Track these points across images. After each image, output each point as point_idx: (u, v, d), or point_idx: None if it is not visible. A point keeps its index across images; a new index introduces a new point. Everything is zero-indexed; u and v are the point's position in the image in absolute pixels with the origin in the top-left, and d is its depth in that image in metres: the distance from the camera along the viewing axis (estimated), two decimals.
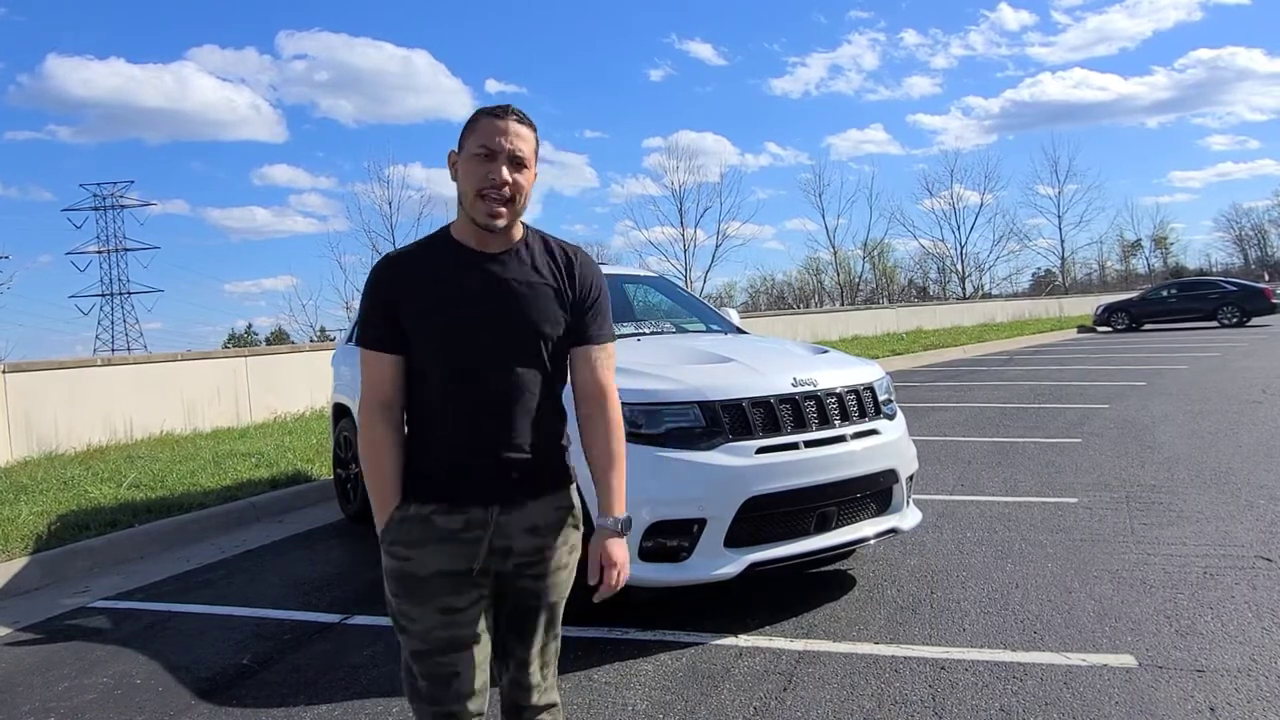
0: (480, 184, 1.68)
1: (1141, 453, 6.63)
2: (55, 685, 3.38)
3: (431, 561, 1.70)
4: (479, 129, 1.71)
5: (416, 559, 1.70)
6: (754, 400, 3.54)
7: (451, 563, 1.71)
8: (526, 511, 1.75)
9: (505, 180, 1.68)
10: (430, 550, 1.70)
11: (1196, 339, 19.54)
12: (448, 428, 1.72)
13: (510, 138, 1.69)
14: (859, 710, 2.76)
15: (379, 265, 1.79)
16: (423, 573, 1.70)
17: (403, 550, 1.71)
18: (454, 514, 1.71)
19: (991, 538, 4.56)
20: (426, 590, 1.70)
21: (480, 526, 1.71)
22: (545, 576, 1.79)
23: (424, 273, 1.74)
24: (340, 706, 3.01)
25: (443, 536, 1.71)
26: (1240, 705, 2.64)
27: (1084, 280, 55.59)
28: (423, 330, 1.70)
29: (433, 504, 1.71)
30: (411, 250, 1.80)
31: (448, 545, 1.71)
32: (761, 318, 22.89)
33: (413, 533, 1.71)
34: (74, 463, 8.02)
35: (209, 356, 11.28)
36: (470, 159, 1.70)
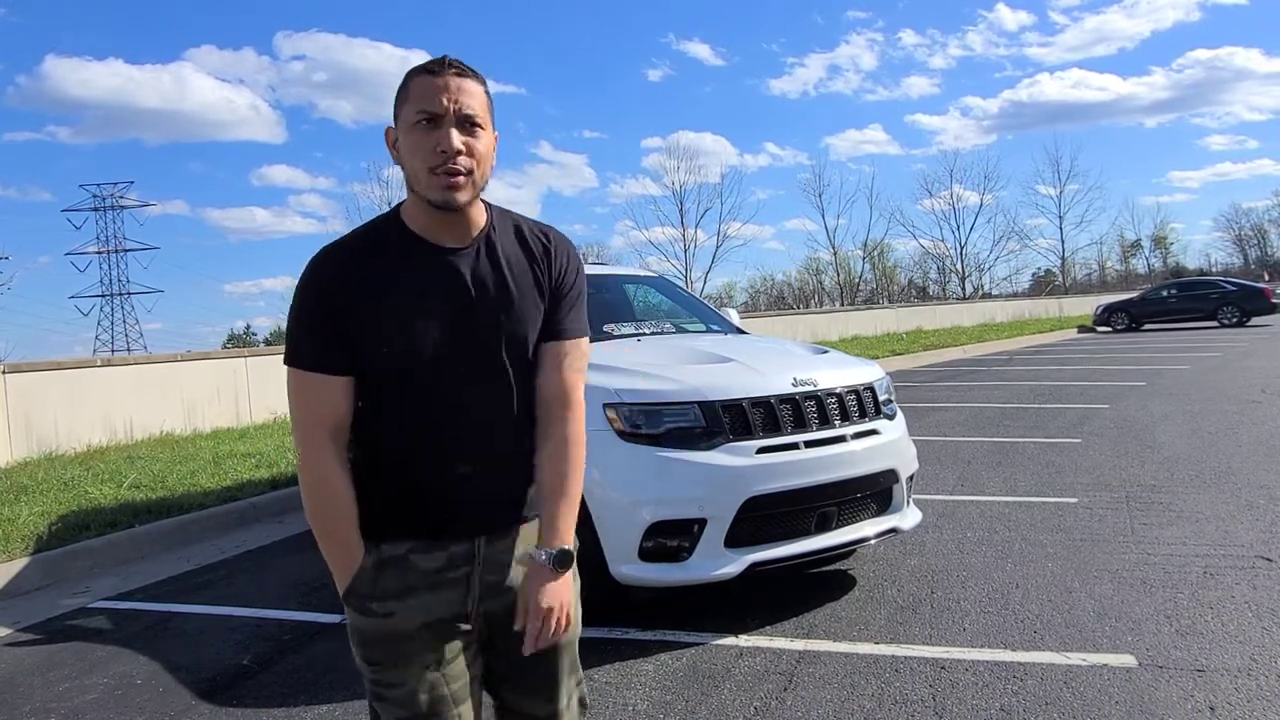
0: (430, 158, 1.37)
1: (1141, 452, 6.63)
2: (56, 686, 3.38)
3: (417, 613, 1.43)
4: (413, 92, 1.39)
5: (400, 613, 1.42)
6: (754, 400, 3.54)
7: (439, 610, 1.44)
8: (516, 539, 1.50)
9: (456, 148, 1.36)
10: (415, 600, 1.43)
11: (1196, 339, 19.54)
12: (415, 450, 1.44)
13: (454, 94, 1.37)
14: (859, 710, 2.76)
15: (315, 264, 1.43)
16: (408, 628, 1.42)
17: (379, 605, 1.42)
18: (434, 551, 1.43)
19: (991, 538, 4.56)
20: (412, 648, 1.43)
21: (466, 561, 1.45)
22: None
23: (377, 274, 1.41)
24: (340, 707, 3.01)
25: (424, 582, 1.43)
26: (1240, 705, 2.64)
27: (1084, 280, 55.66)
28: (377, 343, 1.40)
29: (408, 542, 1.43)
30: (354, 243, 1.45)
31: (431, 591, 1.43)
32: (761, 318, 22.89)
33: (391, 581, 1.43)
34: (74, 463, 8.02)
35: (209, 357, 11.28)
36: (411, 130, 1.38)
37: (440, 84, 1.38)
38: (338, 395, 1.41)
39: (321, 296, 1.41)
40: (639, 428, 3.43)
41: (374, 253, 1.43)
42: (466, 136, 1.39)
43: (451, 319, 1.42)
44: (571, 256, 1.55)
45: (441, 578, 1.44)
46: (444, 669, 1.45)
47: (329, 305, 1.40)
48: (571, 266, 1.55)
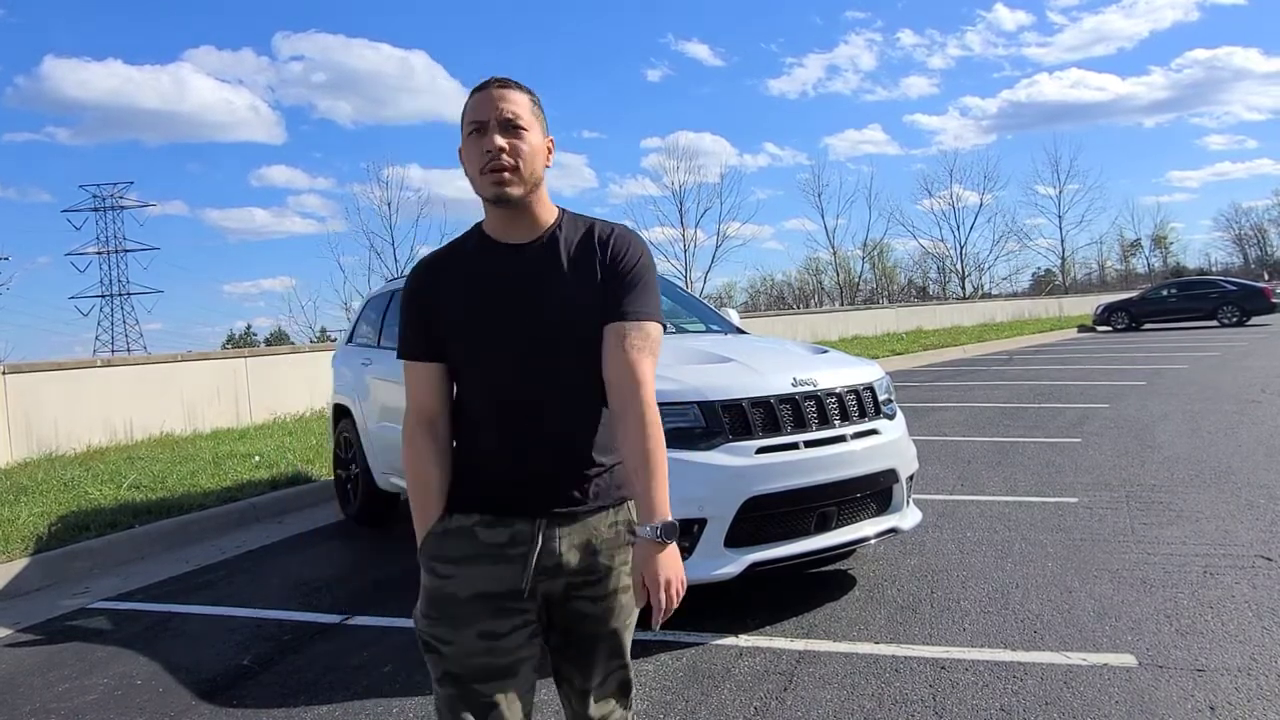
0: (479, 160, 1.54)
1: (1141, 452, 6.63)
2: (56, 686, 3.38)
3: (473, 581, 1.54)
4: (467, 109, 1.58)
5: (457, 577, 1.54)
6: (754, 400, 3.54)
7: (495, 584, 1.54)
8: (580, 526, 1.58)
9: (499, 146, 1.52)
10: (472, 568, 1.54)
11: (1196, 338, 19.54)
12: (491, 433, 1.58)
13: (496, 104, 1.54)
14: (859, 710, 2.76)
15: (412, 271, 1.69)
16: (463, 594, 1.53)
17: (442, 567, 1.56)
18: (498, 527, 1.55)
19: (991, 537, 4.56)
20: (466, 613, 1.53)
21: (526, 541, 1.55)
22: (602, 599, 1.60)
23: (454, 273, 1.62)
24: (341, 707, 3.01)
25: (486, 553, 1.55)
26: (1240, 704, 2.64)
27: (1084, 280, 55.63)
28: (456, 333, 1.59)
29: (476, 515, 1.57)
30: (443, 251, 1.69)
31: (491, 563, 1.54)
32: (761, 318, 22.88)
33: (454, 548, 1.56)
34: (74, 464, 8.02)
35: (209, 357, 11.27)
36: (466, 141, 1.58)
37: (485, 97, 1.56)
38: (425, 380, 1.63)
39: (411, 297, 1.65)
40: None
41: (453, 256, 1.65)
42: (510, 138, 1.54)
43: (512, 308, 1.56)
44: (632, 244, 1.63)
45: (502, 553, 1.55)
46: (493, 642, 1.52)
47: (419, 303, 1.63)
48: (630, 252, 1.61)
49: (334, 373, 6.51)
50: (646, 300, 1.59)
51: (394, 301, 5.82)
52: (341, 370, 6.32)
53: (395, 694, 3.09)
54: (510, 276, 1.58)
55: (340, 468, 6.13)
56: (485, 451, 1.59)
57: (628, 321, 1.55)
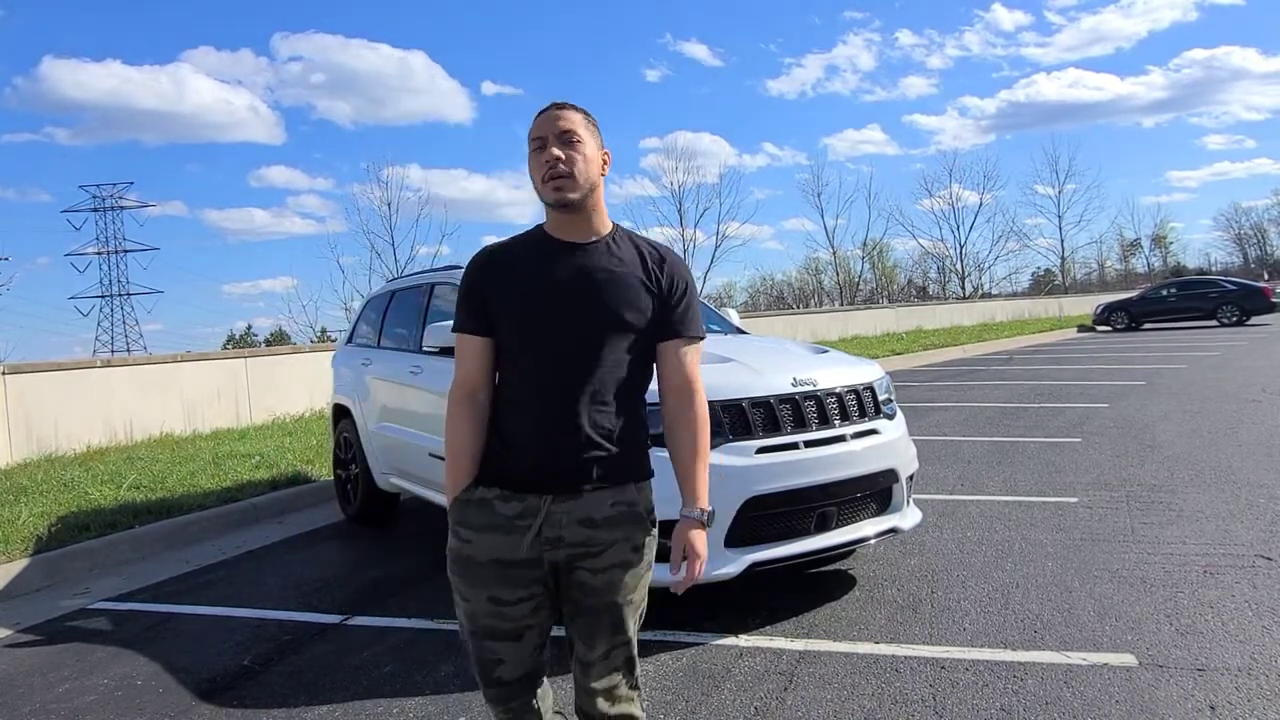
0: (540, 170, 1.77)
1: (1141, 452, 6.63)
2: (56, 687, 3.38)
3: (487, 548, 1.76)
4: (532, 129, 1.82)
5: (475, 543, 1.77)
6: (754, 400, 3.54)
7: (505, 551, 1.75)
8: (582, 503, 1.75)
9: (557, 156, 1.75)
10: (488, 536, 1.76)
11: (1196, 338, 19.54)
12: (524, 415, 1.77)
13: (554, 122, 1.78)
14: (859, 710, 2.76)
15: (474, 257, 1.88)
16: (480, 558, 1.76)
17: (464, 532, 1.79)
18: (512, 501, 1.76)
19: (992, 537, 4.56)
20: (480, 576, 1.76)
21: (532, 514, 1.75)
22: (602, 572, 1.76)
23: (513, 262, 1.82)
24: (341, 707, 3.02)
25: (499, 523, 1.76)
26: (1241, 704, 2.64)
27: (1084, 280, 55.57)
28: (507, 315, 1.78)
29: (497, 489, 1.77)
30: (505, 243, 1.89)
31: (504, 534, 1.75)
32: (761, 318, 22.88)
33: (474, 516, 1.78)
34: (74, 464, 8.02)
35: (209, 358, 11.27)
36: (530, 156, 1.80)
37: (545, 117, 1.80)
38: (474, 353, 1.81)
39: (471, 277, 1.84)
40: None
41: (517, 248, 1.85)
42: (566, 149, 1.76)
43: (563, 300, 1.76)
44: (684, 269, 1.89)
45: (512, 524, 1.75)
46: (500, 608, 1.75)
47: (476, 285, 1.82)
48: (684, 277, 1.87)
49: (334, 373, 6.51)
50: (697, 320, 1.88)
51: (394, 302, 5.82)
52: (341, 370, 6.32)
53: (395, 694, 3.09)
54: (566, 273, 1.78)
55: (340, 468, 6.13)
56: (516, 432, 1.77)
57: (684, 340, 1.84)
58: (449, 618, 3.84)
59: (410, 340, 5.26)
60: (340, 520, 6.05)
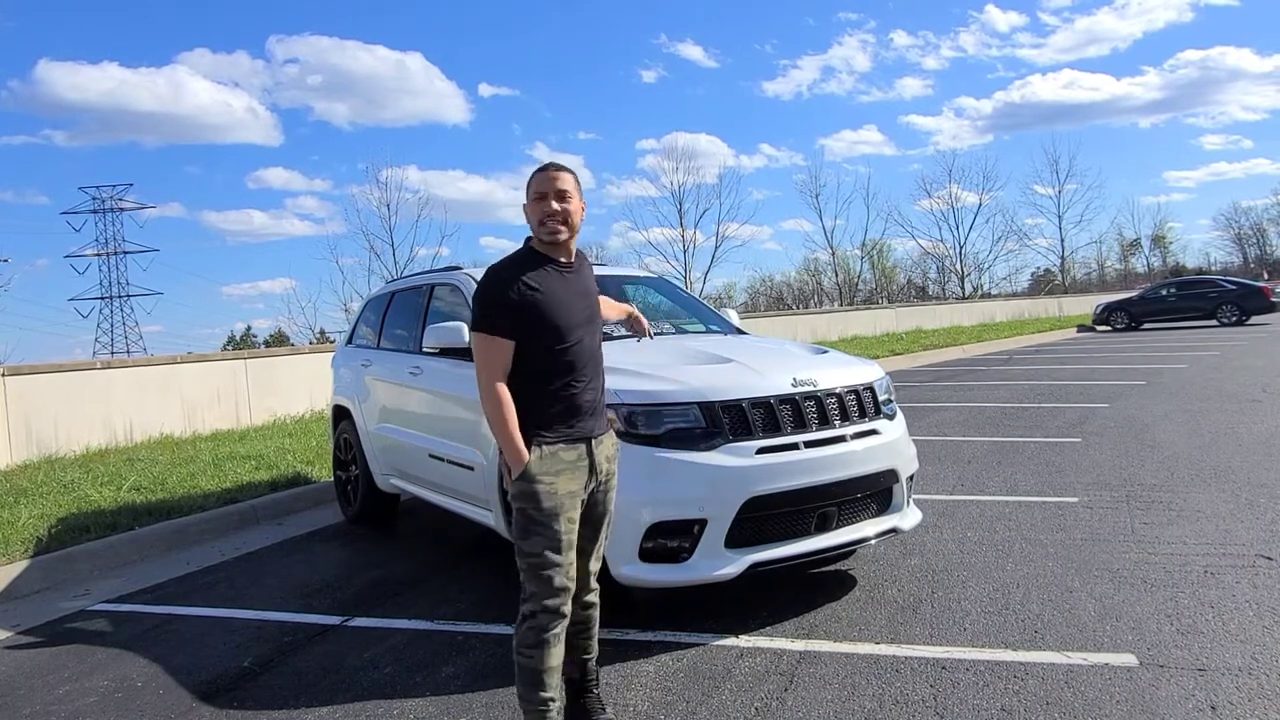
0: (540, 216, 2.50)
1: (1142, 452, 6.63)
2: (56, 688, 3.38)
3: (564, 484, 2.45)
4: (533, 182, 2.53)
5: (556, 483, 2.44)
6: (754, 401, 3.54)
7: (574, 484, 2.48)
8: (604, 442, 2.60)
9: (555, 210, 2.49)
10: (562, 477, 2.45)
11: (1196, 338, 19.55)
12: (564, 387, 2.48)
13: (553, 181, 2.51)
14: (860, 710, 2.76)
15: (492, 276, 2.52)
16: (561, 492, 2.44)
17: (548, 479, 2.43)
18: (570, 449, 2.49)
19: (992, 537, 4.56)
20: (562, 504, 2.44)
21: (588, 456, 2.52)
22: (610, 491, 2.65)
23: (534, 278, 2.49)
24: (341, 709, 3.01)
25: (567, 466, 2.47)
26: (1241, 704, 2.64)
27: (1083, 279, 55.56)
28: (543, 319, 2.45)
29: (560, 443, 2.47)
30: (517, 262, 2.54)
31: (571, 472, 2.48)
32: (761, 318, 22.89)
33: (550, 465, 2.45)
34: (74, 466, 8.02)
35: (208, 359, 11.27)
36: (532, 203, 2.52)
37: (546, 176, 2.54)
38: (507, 352, 2.46)
39: (500, 293, 2.46)
40: (639, 428, 3.43)
41: (525, 266, 2.53)
42: (561, 203, 2.51)
43: (576, 303, 2.55)
44: None
45: (574, 465, 2.50)
46: (571, 525, 2.47)
47: (504, 299, 2.45)
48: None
49: (334, 374, 6.50)
50: None
51: (394, 303, 5.82)
52: (341, 371, 6.32)
53: (395, 695, 3.09)
54: (577, 282, 2.58)
55: (340, 469, 6.13)
56: (563, 400, 2.49)
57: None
58: (449, 619, 3.84)
59: (410, 341, 5.26)
60: (340, 521, 6.04)
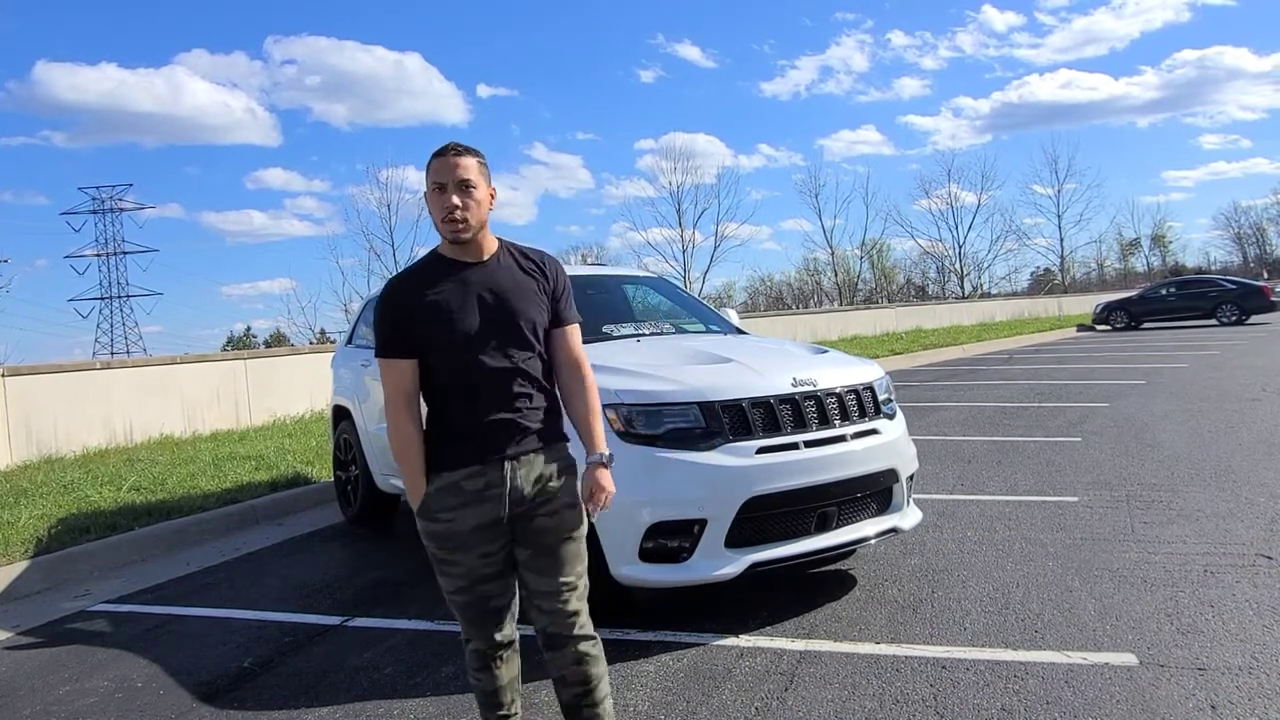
0: (440, 212, 2.10)
1: (1142, 451, 6.63)
2: (56, 689, 3.38)
3: (468, 519, 2.10)
4: (431, 169, 2.12)
5: (458, 518, 2.10)
6: (754, 400, 3.54)
7: (483, 517, 2.11)
8: (532, 466, 2.15)
9: (456, 205, 2.08)
10: (466, 511, 2.10)
11: (1196, 337, 19.55)
12: (463, 407, 2.11)
13: (454, 170, 2.09)
14: (860, 710, 2.76)
15: (388, 287, 2.19)
16: (465, 528, 2.11)
17: (446, 514, 2.11)
18: (475, 478, 2.10)
19: (992, 537, 4.56)
20: (469, 542, 2.12)
21: (498, 484, 2.11)
22: (556, 513, 2.17)
23: (427, 286, 2.13)
24: (341, 709, 3.01)
25: (472, 498, 2.10)
26: (1242, 703, 2.64)
27: (1083, 279, 55.60)
28: (434, 331, 2.08)
29: (461, 470, 2.10)
30: (412, 271, 2.20)
31: (478, 504, 2.11)
32: (761, 318, 22.89)
33: (449, 499, 2.11)
34: (74, 466, 8.02)
35: (208, 359, 11.28)
36: (430, 194, 2.12)
37: (445, 163, 2.11)
38: (409, 373, 2.13)
39: (393, 307, 2.13)
40: (639, 428, 3.43)
41: (423, 274, 2.17)
42: (463, 197, 2.10)
43: (476, 310, 2.11)
44: (559, 269, 2.29)
45: (481, 496, 2.11)
46: (489, 558, 2.14)
47: (398, 313, 2.12)
48: (562, 273, 2.28)
49: (333, 374, 6.50)
50: (573, 307, 2.29)
51: None
52: (341, 372, 6.32)
53: (395, 695, 3.08)
54: (478, 283, 2.14)
55: (340, 469, 6.13)
56: (463, 422, 2.11)
57: (569, 325, 2.26)
58: (449, 619, 3.84)
59: None
60: (340, 522, 6.04)
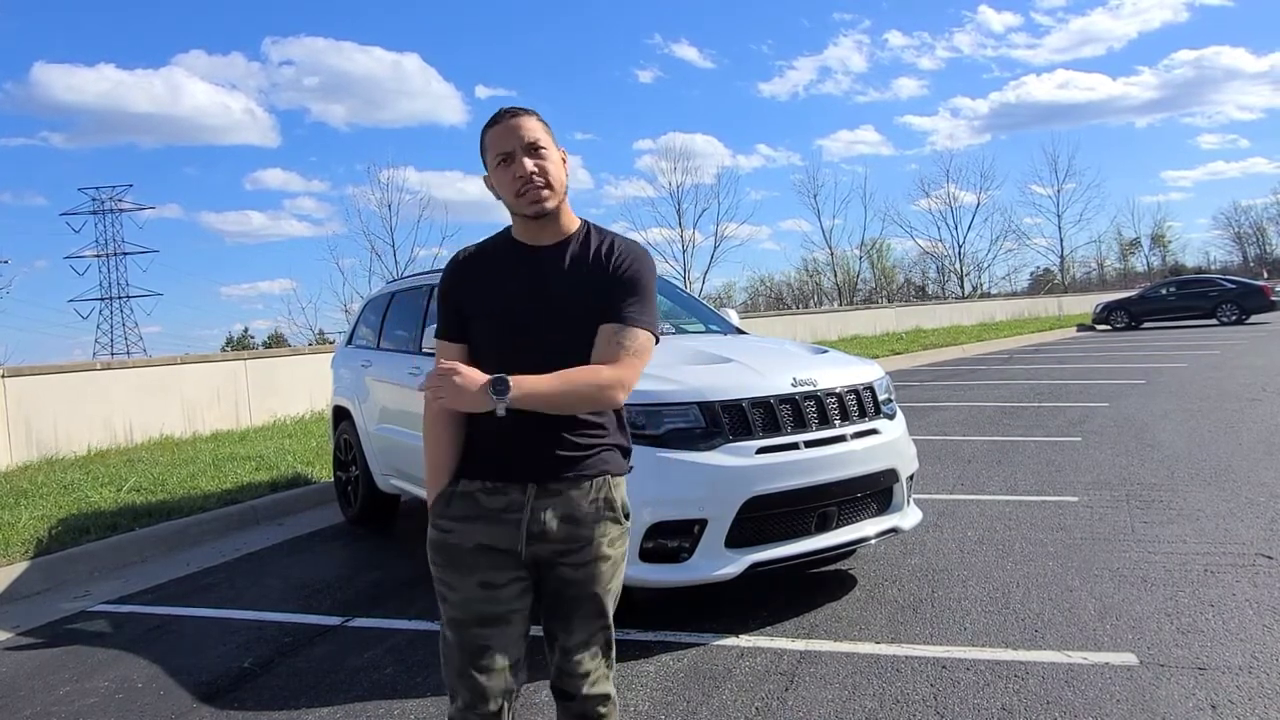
0: (513, 185, 1.78)
1: (1142, 451, 6.63)
2: (56, 689, 3.38)
3: (473, 535, 1.77)
4: (490, 142, 1.81)
5: (459, 531, 1.79)
6: (754, 400, 3.54)
7: (492, 539, 1.77)
8: (563, 499, 1.78)
9: (530, 170, 1.76)
10: (473, 525, 1.78)
11: (1196, 337, 19.55)
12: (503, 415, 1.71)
13: (517, 132, 1.77)
14: (861, 710, 2.76)
15: (448, 265, 1.94)
16: (466, 544, 1.77)
17: (447, 524, 1.80)
18: (496, 494, 1.79)
19: (992, 537, 4.56)
20: (468, 562, 1.76)
21: (519, 509, 1.77)
22: (584, 565, 1.80)
23: (483, 268, 1.87)
24: (342, 709, 3.01)
25: (485, 514, 1.78)
26: (1242, 703, 2.64)
27: (1083, 279, 55.60)
28: (479, 319, 1.83)
29: (479, 481, 1.80)
30: (474, 250, 1.92)
31: (489, 524, 1.78)
32: (761, 318, 22.89)
33: (458, 508, 1.81)
34: (74, 467, 8.02)
35: (209, 360, 11.28)
36: (497, 170, 1.80)
37: (505, 129, 1.79)
38: (454, 358, 1.80)
39: (445, 285, 1.89)
40: (638, 428, 3.42)
41: (487, 254, 1.89)
42: (536, 159, 1.77)
43: (530, 300, 1.79)
44: (631, 255, 1.83)
45: (498, 517, 1.77)
46: (492, 591, 1.75)
47: (449, 291, 1.88)
48: (627, 262, 1.82)
49: (334, 375, 6.50)
50: (637, 309, 1.79)
51: (394, 303, 5.82)
52: (341, 372, 6.32)
53: (396, 695, 3.08)
54: (538, 272, 1.81)
55: (340, 470, 6.13)
56: (495, 428, 1.70)
57: (615, 323, 1.76)
58: None
59: (410, 342, 5.26)
60: (340, 522, 6.04)
